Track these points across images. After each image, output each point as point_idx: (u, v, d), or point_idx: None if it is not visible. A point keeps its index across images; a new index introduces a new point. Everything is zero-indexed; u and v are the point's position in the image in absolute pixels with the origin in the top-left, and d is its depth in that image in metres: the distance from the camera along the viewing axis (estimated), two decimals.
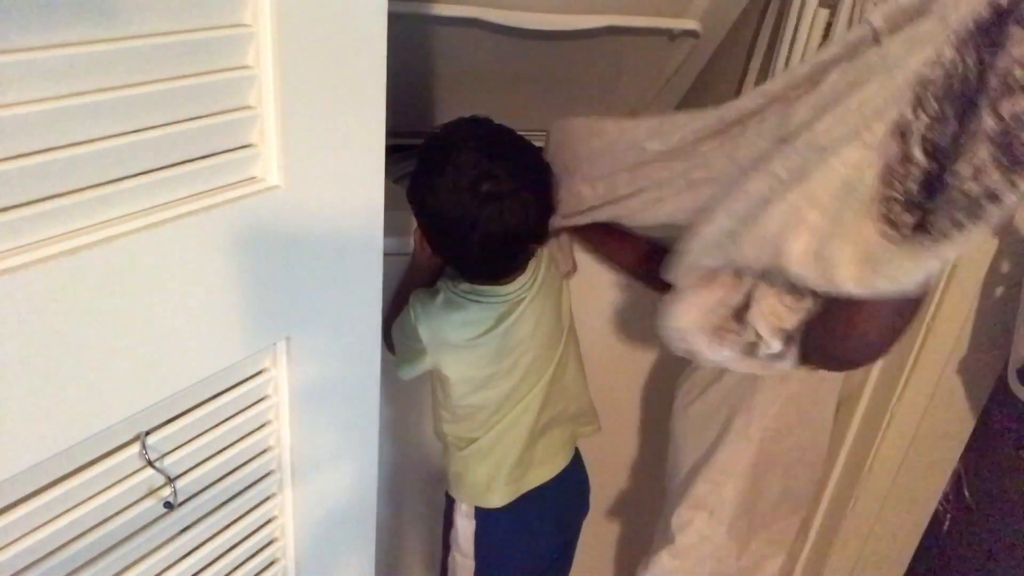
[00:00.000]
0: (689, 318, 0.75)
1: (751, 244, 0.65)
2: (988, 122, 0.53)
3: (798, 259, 0.61)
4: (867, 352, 0.67)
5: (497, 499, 1.00)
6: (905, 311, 0.63)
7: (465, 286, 0.94)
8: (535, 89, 1.26)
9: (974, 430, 1.11)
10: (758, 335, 0.72)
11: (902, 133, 0.56)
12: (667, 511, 1.02)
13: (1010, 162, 0.53)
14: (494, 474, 0.99)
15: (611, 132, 0.87)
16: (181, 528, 0.57)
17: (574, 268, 1.08)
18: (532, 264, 0.96)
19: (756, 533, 1.00)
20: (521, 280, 0.94)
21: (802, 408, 0.90)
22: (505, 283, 0.93)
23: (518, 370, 0.96)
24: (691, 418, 0.98)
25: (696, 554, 0.98)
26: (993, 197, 0.55)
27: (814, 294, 0.67)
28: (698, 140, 0.74)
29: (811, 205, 0.60)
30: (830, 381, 0.92)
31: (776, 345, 0.71)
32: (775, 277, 0.67)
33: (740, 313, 0.74)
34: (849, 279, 0.59)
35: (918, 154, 0.56)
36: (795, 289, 0.68)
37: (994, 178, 0.54)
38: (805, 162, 0.60)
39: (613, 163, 0.85)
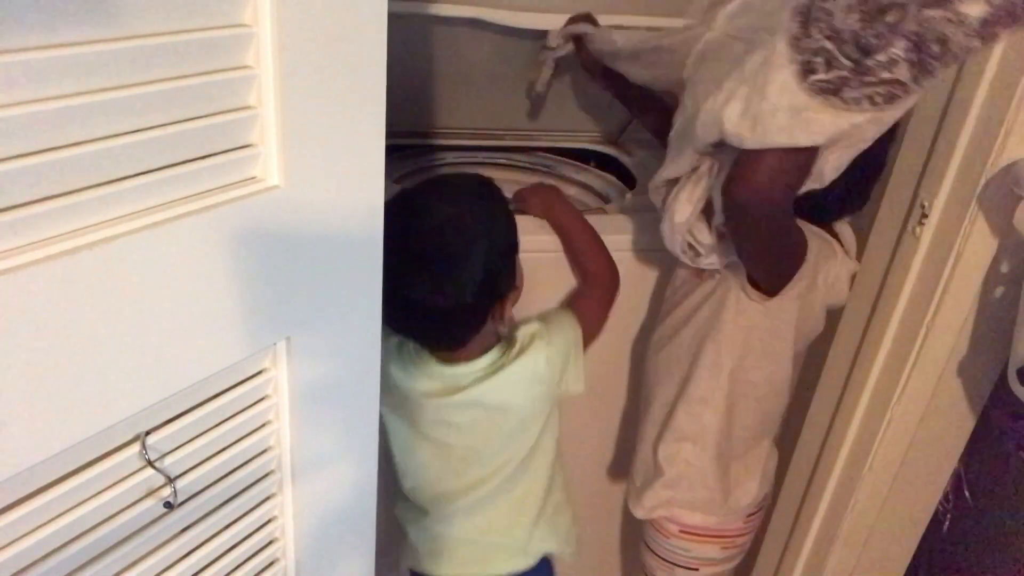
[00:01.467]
0: (686, 212, 0.89)
1: (702, 125, 0.79)
2: (911, 24, 0.64)
3: (734, 123, 0.74)
4: (755, 196, 0.78)
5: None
6: (792, 165, 0.75)
7: None
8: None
9: (974, 430, 1.11)
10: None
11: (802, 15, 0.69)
12: (642, 448, 1.10)
13: (919, 62, 0.66)
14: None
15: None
16: (181, 528, 0.57)
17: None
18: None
19: (735, 459, 1.06)
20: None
21: (764, 340, 0.98)
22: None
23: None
24: (663, 359, 1.06)
25: (686, 482, 1.04)
26: (902, 88, 0.67)
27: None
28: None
29: (741, 83, 0.74)
30: (784, 316, 0.97)
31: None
32: (722, 153, 0.82)
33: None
34: (775, 129, 0.71)
35: (816, 33, 0.68)
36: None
37: (904, 73, 0.66)
38: (736, 58, 0.77)
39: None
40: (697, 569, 1.11)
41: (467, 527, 1.00)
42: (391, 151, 0.63)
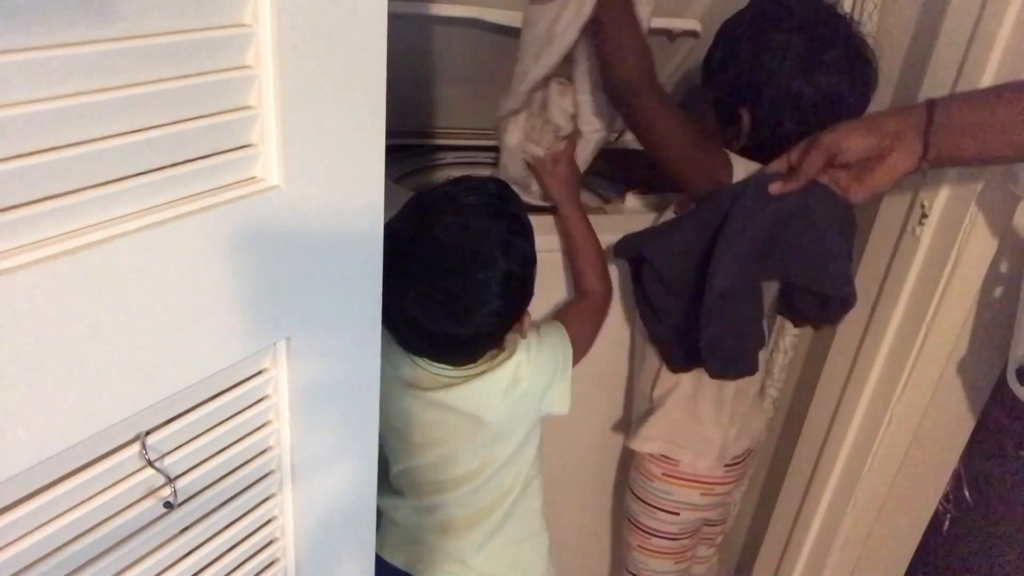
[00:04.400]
0: (515, 137, 1.06)
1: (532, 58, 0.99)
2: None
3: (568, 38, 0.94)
4: (610, 76, 0.96)
5: None
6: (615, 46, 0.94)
7: None
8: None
9: (974, 430, 1.11)
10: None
11: None
12: (638, 396, 1.17)
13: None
14: None
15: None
16: (181, 528, 0.57)
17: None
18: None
19: (721, 408, 1.10)
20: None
21: None
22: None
23: None
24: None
25: (680, 418, 1.10)
26: None
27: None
28: None
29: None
30: None
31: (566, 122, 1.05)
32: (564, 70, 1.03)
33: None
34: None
35: None
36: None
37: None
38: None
39: None
40: (678, 514, 1.14)
41: (424, 524, 0.98)
42: (391, 151, 0.63)
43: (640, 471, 1.15)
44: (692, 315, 0.94)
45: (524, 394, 0.91)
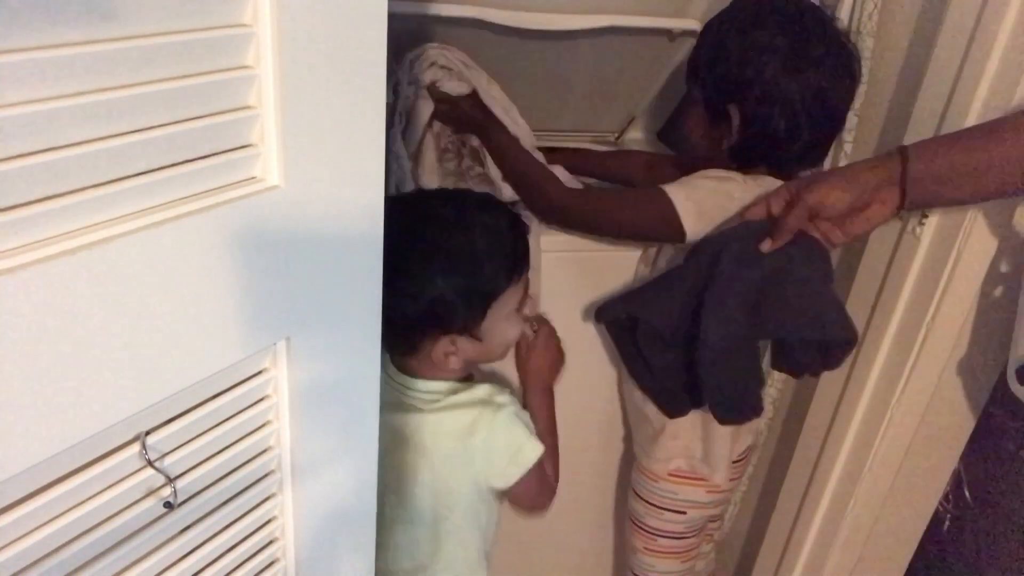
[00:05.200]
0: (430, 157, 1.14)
1: None
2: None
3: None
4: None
5: None
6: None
7: None
8: (535, 89, 1.26)
9: (974, 430, 1.11)
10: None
11: None
12: (632, 410, 1.20)
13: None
14: None
15: None
16: (181, 528, 0.57)
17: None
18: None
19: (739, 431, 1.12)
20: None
21: None
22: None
23: None
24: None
25: (682, 431, 1.11)
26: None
27: None
28: None
29: None
30: None
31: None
32: None
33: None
34: None
35: None
36: None
37: None
38: None
39: None
40: (685, 512, 1.14)
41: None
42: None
43: (644, 473, 1.15)
44: (691, 367, 0.94)
45: (473, 453, 0.89)
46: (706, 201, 0.96)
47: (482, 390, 0.91)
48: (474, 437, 0.88)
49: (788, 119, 0.95)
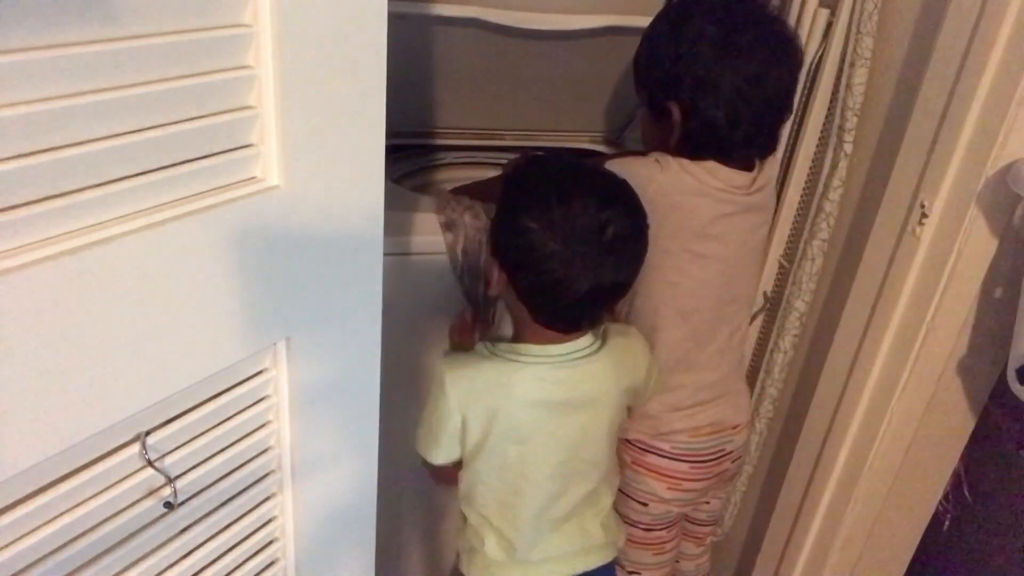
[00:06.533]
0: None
1: None
2: None
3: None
4: None
5: None
6: None
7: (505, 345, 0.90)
8: (535, 89, 1.27)
9: (974, 430, 1.11)
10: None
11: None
12: None
13: None
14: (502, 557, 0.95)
15: None
16: (181, 528, 0.57)
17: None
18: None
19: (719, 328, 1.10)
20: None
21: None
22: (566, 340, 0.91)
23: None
24: None
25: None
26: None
27: None
28: None
29: None
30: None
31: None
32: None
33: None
34: None
35: None
36: None
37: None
38: None
39: None
40: (646, 504, 1.15)
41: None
42: (391, 151, 0.63)
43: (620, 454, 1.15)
44: None
45: (640, 368, 0.99)
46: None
47: (616, 327, 0.98)
48: (639, 360, 0.98)
49: (726, 108, 0.96)
